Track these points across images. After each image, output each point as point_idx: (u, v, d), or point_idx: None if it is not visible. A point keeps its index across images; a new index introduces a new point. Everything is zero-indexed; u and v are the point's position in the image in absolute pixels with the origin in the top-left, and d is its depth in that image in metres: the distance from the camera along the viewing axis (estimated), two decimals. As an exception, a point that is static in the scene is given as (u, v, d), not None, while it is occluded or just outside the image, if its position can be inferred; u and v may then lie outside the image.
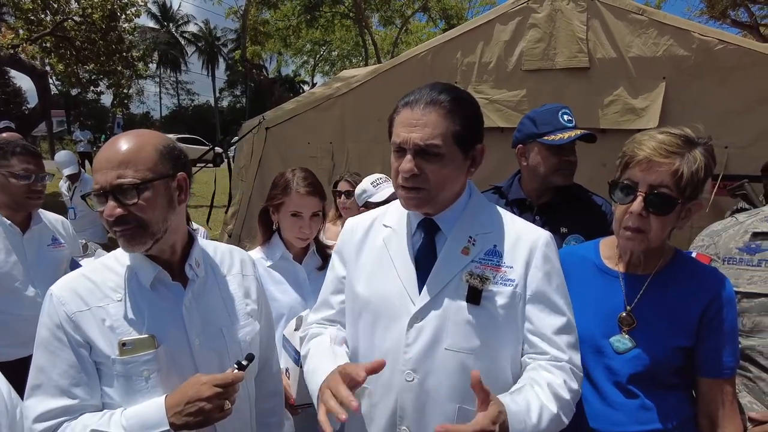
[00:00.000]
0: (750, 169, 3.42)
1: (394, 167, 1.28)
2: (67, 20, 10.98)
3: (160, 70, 49.70)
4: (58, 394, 1.16)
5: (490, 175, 4.08)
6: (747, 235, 1.54)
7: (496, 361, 1.26)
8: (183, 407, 1.14)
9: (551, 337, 1.25)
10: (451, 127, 1.22)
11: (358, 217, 1.51)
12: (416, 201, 1.28)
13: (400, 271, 1.31)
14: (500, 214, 1.37)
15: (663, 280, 1.37)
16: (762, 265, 1.49)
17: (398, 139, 1.24)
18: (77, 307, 1.19)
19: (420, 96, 1.25)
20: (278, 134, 4.57)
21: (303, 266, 2.01)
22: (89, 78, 12.94)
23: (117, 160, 1.17)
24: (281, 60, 36.48)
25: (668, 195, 1.25)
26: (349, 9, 21.73)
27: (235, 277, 1.43)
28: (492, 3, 22.22)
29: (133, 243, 1.19)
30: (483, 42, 3.94)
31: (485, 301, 1.24)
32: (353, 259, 1.42)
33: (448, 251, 1.30)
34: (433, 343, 1.25)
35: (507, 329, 1.26)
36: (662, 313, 1.35)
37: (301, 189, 1.93)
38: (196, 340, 1.27)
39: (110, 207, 1.15)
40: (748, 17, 14.67)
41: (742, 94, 3.37)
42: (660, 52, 3.53)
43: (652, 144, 1.26)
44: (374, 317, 1.33)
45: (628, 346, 1.35)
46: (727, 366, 1.33)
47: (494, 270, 1.27)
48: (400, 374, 1.26)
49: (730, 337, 1.33)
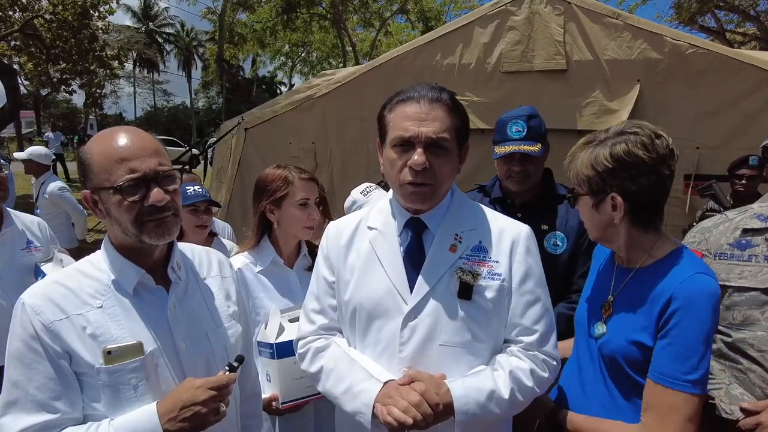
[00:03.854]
0: (720, 169, 3.54)
1: (396, 163, 1.27)
2: (37, 17, 10.65)
3: (135, 70, 48.72)
4: (36, 409, 1.09)
5: (470, 175, 4.14)
6: (737, 231, 1.59)
7: (487, 353, 1.32)
8: (178, 413, 1.11)
9: (528, 326, 1.31)
10: (455, 123, 1.27)
11: (341, 221, 1.51)
12: (423, 196, 1.28)
13: (390, 272, 1.33)
14: (482, 210, 1.41)
15: (645, 275, 1.38)
16: (752, 260, 1.53)
17: (407, 133, 1.24)
18: (54, 316, 1.12)
19: (421, 93, 1.27)
20: (258, 135, 4.53)
21: (295, 270, 1.96)
22: (60, 77, 12.58)
23: (152, 148, 1.17)
24: (259, 61, 36.13)
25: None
26: (327, 11, 21.66)
27: (215, 279, 1.42)
28: (471, 7, 22.46)
29: (170, 231, 1.19)
30: (462, 44, 3.98)
31: (476, 295, 1.28)
32: (341, 264, 1.42)
33: (436, 249, 1.32)
34: (427, 340, 1.28)
35: (496, 322, 1.31)
36: (632, 305, 1.37)
37: (304, 175, 1.92)
38: (182, 344, 1.24)
39: (159, 192, 1.14)
40: (715, 23, 15.18)
41: (712, 96, 3.49)
42: (634, 55, 3.62)
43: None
44: (367, 319, 1.35)
45: (601, 331, 1.40)
46: (664, 372, 1.22)
47: (481, 265, 1.31)
48: (396, 373, 1.29)
49: (679, 343, 1.22)
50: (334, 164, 4.32)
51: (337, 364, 1.35)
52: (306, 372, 1.45)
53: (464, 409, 1.19)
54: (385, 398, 1.20)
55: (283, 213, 1.91)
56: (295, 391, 1.67)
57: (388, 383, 1.24)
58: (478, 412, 1.20)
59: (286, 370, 1.65)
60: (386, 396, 1.21)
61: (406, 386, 1.21)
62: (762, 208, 1.60)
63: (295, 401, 1.68)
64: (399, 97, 1.30)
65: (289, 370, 1.64)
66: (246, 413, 1.51)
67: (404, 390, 1.20)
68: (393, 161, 1.28)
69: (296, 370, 1.59)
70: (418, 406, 1.15)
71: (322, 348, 1.42)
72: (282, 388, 1.66)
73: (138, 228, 1.16)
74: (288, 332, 1.70)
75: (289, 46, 27.60)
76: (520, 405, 1.29)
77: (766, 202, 1.60)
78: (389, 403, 1.18)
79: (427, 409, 1.15)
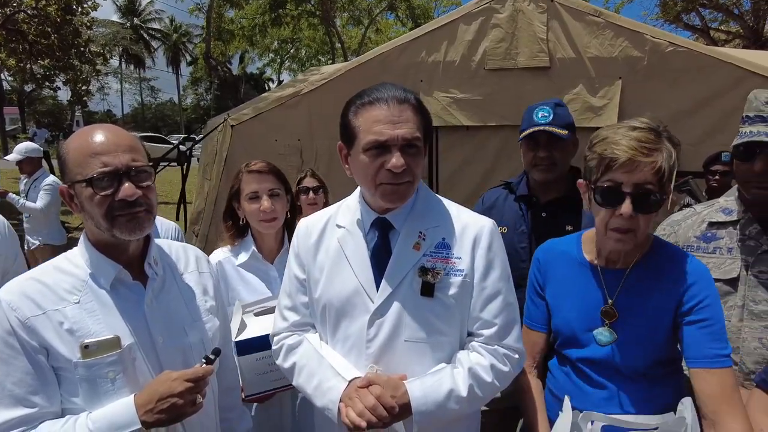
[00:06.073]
0: (699, 165, 3.61)
1: (370, 167, 1.26)
2: (19, 13, 10.48)
3: (122, 66, 48.14)
4: (14, 404, 1.11)
5: (458, 171, 4.18)
6: (704, 224, 1.65)
7: (451, 347, 1.36)
8: (155, 404, 1.13)
9: (488, 320, 1.34)
10: (422, 122, 1.29)
11: (311, 218, 1.53)
12: (402, 193, 1.30)
13: (357, 271, 1.36)
14: (447, 207, 1.43)
15: (641, 272, 1.40)
16: (717, 253, 1.59)
17: (382, 137, 1.23)
18: (31, 312, 1.14)
19: (387, 94, 1.26)
20: (244, 132, 4.52)
21: (275, 265, 1.96)
22: (44, 73, 12.39)
23: (126, 144, 1.19)
24: (247, 58, 35.88)
25: (653, 192, 1.24)
26: (316, 8, 21.55)
27: (192, 274, 1.43)
28: (457, 3, 22.49)
29: (142, 227, 1.20)
30: (447, 41, 4.01)
31: (438, 292, 1.31)
32: (311, 262, 1.44)
33: (400, 248, 1.35)
34: (392, 336, 1.32)
35: (460, 316, 1.35)
36: (642, 304, 1.37)
37: (251, 167, 1.92)
38: (160, 338, 1.26)
39: (130, 187, 1.16)
40: (699, 21, 15.39)
41: (691, 94, 3.55)
42: (616, 53, 3.67)
43: (632, 144, 1.24)
44: (336, 316, 1.38)
45: (609, 338, 1.39)
46: (716, 354, 1.27)
47: (444, 262, 1.34)
48: (364, 368, 1.34)
49: (713, 321, 1.29)
50: (320, 161, 4.32)
51: (308, 362, 1.40)
52: (281, 367, 1.49)
53: (422, 409, 1.24)
54: (346, 398, 1.26)
55: (242, 208, 1.94)
56: (258, 385, 1.69)
57: (352, 382, 1.29)
58: (437, 411, 1.25)
59: (248, 366, 1.67)
60: (347, 396, 1.26)
61: (364, 389, 1.25)
62: (727, 202, 1.65)
63: (260, 394, 1.71)
64: (362, 99, 1.28)
65: (251, 366, 1.66)
66: (225, 406, 1.53)
67: (362, 393, 1.25)
68: (366, 165, 1.27)
69: (259, 366, 1.63)
70: (373, 409, 1.20)
71: (294, 345, 1.46)
72: (245, 383, 1.68)
73: (109, 222, 1.17)
74: (251, 328, 1.72)
75: (278, 42, 27.46)
76: (480, 400, 1.34)
77: (731, 197, 1.65)
78: (349, 404, 1.24)
79: (382, 412, 1.20)
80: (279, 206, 1.91)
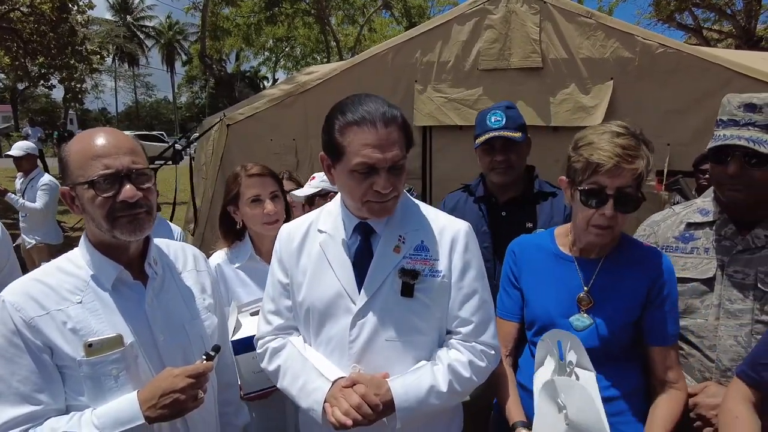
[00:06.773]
0: (690, 165, 3.66)
1: (358, 186, 1.30)
2: (14, 11, 10.42)
3: (116, 64, 47.82)
4: (20, 401, 1.14)
5: (451, 171, 4.21)
6: (682, 225, 1.68)
7: (431, 346, 1.42)
8: (158, 400, 1.18)
9: (465, 318, 1.40)
10: (405, 139, 1.33)
11: (293, 223, 1.57)
12: (388, 209, 1.36)
13: (339, 275, 1.40)
14: (425, 211, 1.48)
15: (613, 262, 1.53)
16: (694, 253, 1.62)
17: (370, 161, 1.25)
18: (35, 312, 1.17)
19: (374, 114, 1.26)
20: (240, 131, 4.54)
21: None
22: (39, 72, 12.33)
23: (126, 147, 1.22)
24: (243, 56, 35.74)
25: (633, 194, 1.39)
26: (311, 6, 21.52)
27: (190, 273, 1.47)
28: (453, 3, 22.51)
29: (142, 228, 1.24)
30: (441, 42, 4.04)
31: (418, 293, 1.37)
32: (294, 266, 1.48)
33: (381, 251, 1.40)
34: (374, 336, 1.37)
35: (438, 316, 1.41)
36: (615, 291, 1.50)
37: (251, 170, 1.95)
38: (161, 336, 1.30)
39: (131, 189, 1.19)
40: (692, 20, 15.49)
41: (681, 95, 3.60)
42: (607, 54, 3.71)
43: (617, 150, 1.36)
44: (320, 319, 1.43)
45: (586, 323, 1.50)
46: (672, 334, 1.51)
47: (423, 263, 1.39)
48: (346, 368, 1.39)
49: (672, 308, 1.51)
50: (314, 161, 4.35)
51: (292, 364, 1.44)
52: (265, 370, 1.53)
53: (404, 405, 1.29)
54: (331, 398, 1.31)
55: (241, 212, 1.97)
56: (256, 383, 1.73)
57: (336, 382, 1.34)
58: (418, 406, 1.31)
59: (246, 365, 1.71)
60: (332, 396, 1.31)
61: (348, 388, 1.30)
62: (705, 203, 1.68)
63: (258, 392, 1.75)
64: (347, 117, 1.28)
65: (249, 364, 1.71)
66: (223, 401, 1.57)
67: (347, 392, 1.30)
68: (354, 185, 1.31)
69: (255, 364, 1.66)
70: (358, 408, 1.25)
71: (278, 348, 1.50)
72: (243, 381, 1.72)
73: (110, 223, 1.20)
74: (246, 328, 1.76)
75: (273, 41, 27.37)
76: (460, 395, 1.40)
77: (708, 197, 1.68)
78: (334, 404, 1.28)
79: (367, 410, 1.26)
80: (280, 208, 1.97)
